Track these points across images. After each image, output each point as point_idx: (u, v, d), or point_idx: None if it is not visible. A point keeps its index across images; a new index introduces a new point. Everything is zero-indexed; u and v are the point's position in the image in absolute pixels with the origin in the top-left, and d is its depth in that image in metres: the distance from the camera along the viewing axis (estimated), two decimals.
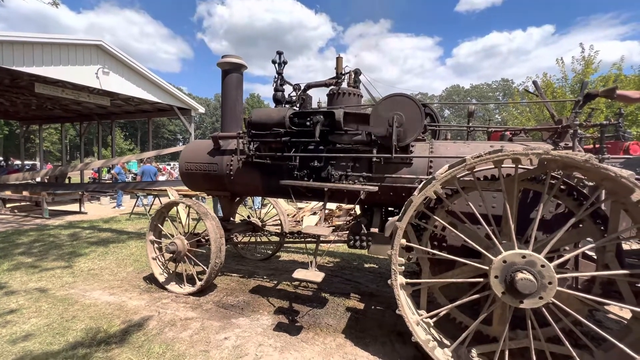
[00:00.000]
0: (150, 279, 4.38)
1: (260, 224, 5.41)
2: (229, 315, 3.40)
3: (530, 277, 2.15)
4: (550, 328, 2.41)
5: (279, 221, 5.49)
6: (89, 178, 20.80)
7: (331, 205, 8.72)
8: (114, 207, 11.50)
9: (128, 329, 3.10)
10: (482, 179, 2.77)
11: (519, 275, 2.17)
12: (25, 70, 9.84)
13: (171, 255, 3.97)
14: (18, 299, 3.76)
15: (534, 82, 3.74)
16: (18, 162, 25.01)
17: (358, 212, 7.37)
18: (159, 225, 4.21)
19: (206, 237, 4.11)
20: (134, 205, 10.23)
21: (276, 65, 3.90)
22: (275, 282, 4.40)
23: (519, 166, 2.38)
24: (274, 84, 3.91)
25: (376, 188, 3.16)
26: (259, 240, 5.66)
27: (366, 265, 5.26)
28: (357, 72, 3.94)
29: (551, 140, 3.30)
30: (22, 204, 10.64)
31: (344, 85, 3.89)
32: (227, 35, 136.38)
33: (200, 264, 3.96)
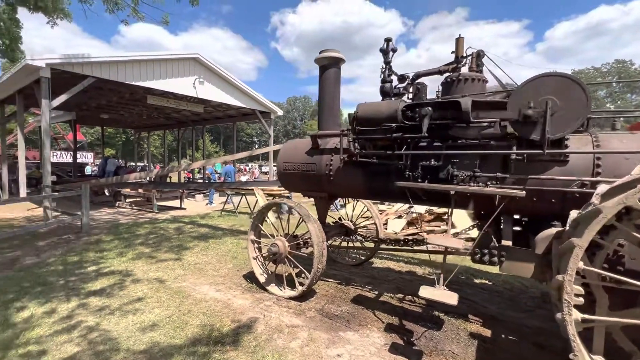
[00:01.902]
0: (250, 277, 4.44)
1: (352, 227, 5.13)
2: (335, 327, 3.16)
3: None
4: None
5: (375, 225, 5.11)
6: (184, 177, 23.54)
7: (420, 209, 8.03)
8: (207, 205, 12.61)
9: (238, 330, 3.08)
10: None
11: None
12: (141, 85, 11.41)
13: (271, 256, 3.91)
14: (142, 287, 4.14)
15: None
16: (132, 163, 29.75)
17: (455, 217, 6.49)
18: (260, 225, 4.23)
19: (306, 240, 3.98)
20: (225, 203, 11.02)
21: (384, 53, 3.53)
22: (376, 292, 4.04)
23: None
24: (381, 75, 3.55)
25: (523, 193, 2.55)
26: (350, 244, 5.37)
27: (476, 281, 4.54)
28: (479, 55, 3.33)
29: None
30: (137, 199, 12.41)
31: (464, 70, 3.33)
32: (297, 41, 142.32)
33: (300, 266, 3.83)
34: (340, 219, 5.27)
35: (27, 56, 8.58)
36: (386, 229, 8.07)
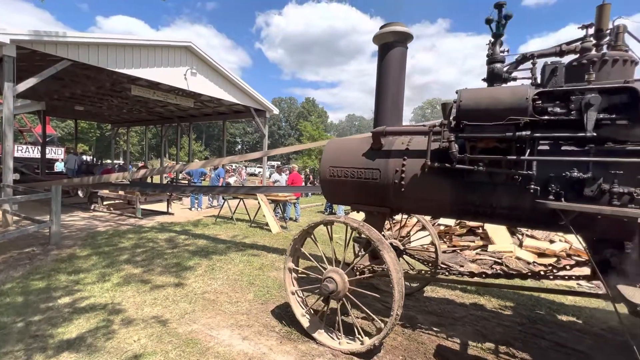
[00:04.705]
0: (283, 315, 3.40)
1: (401, 246, 4.20)
2: None
3: None
4: None
5: (433, 247, 4.21)
6: (165, 178, 21.73)
7: (448, 221, 7.20)
8: (193, 209, 11.20)
9: None
10: None
11: None
12: (125, 72, 10.02)
13: (326, 293, 2.88)
14: (138, 334, 2.99)
15: None
16: (108, 160, 27.52)
17: (491, 231, 5.54)
18: (301, 249, 3.20)
19: (365, 271, 2.99)
20: (220, 208, 9.82)
21: (493, 24, 2.62)
22: (457, 340, 3.09)
23: None
24: (489, 52, 2.63)
25: None
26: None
27: (563, 318, 3.70)
28: (622, 29, 2.50)
29: None
30: (116, 202, 10.90)
31: (604, 49, 2.48)
32: (282, 43, 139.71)
33: (364, 308, 2.83)
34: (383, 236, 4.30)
35: None
36: (409, 242, 7.18)
